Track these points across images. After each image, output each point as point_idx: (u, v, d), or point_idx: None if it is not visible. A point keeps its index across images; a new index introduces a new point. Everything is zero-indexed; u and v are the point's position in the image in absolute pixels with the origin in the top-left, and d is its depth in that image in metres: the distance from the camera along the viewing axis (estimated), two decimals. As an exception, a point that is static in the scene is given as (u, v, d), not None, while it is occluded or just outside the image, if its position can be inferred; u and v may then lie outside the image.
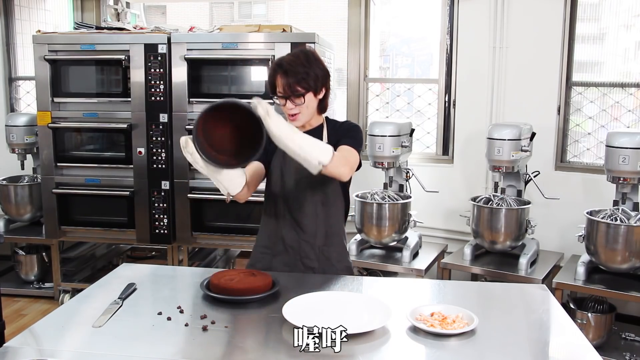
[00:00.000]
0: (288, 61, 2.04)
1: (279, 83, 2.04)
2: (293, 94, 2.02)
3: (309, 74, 2.03)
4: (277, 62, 2.07)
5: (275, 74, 2.05)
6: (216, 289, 1.84)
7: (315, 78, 2.04)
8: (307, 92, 2.03)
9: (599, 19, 3.81)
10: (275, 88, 2.06)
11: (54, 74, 3.71)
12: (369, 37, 4.31)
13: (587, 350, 1.56)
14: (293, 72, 2.01)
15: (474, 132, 3.91)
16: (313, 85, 2.04)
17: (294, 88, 2.01)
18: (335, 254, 2.19)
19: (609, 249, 3.06)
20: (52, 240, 3.94)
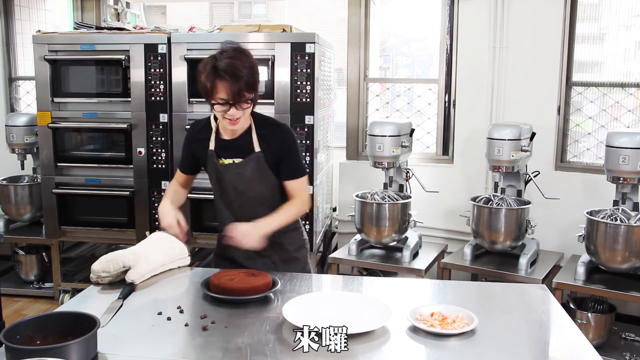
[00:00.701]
0: (231, 65, 1.88)
1: (221, 89, 1.89)
2: (241, 100, 1.91)
3: (253, 75, 1.92)
4: (214, 66, 1.89)
5: (216, 80, 1.89)
6: (216, 289, 1.84)
7: (256, 77, 1.94)
8: (253, 95, 1.94)
9: (599, 19, 3.81)
10: (213, 93, 1.91)
11: (54, 74, 3.71)
12: (369, 37, 4.31)
13: (587, 350, 1.56)
14: (239, 77, 1.88)
15: (474, 132, 3.91)
16: (256, 87, 1.95)
17: (242, 95, 1.90)
18: (286, 238, 2.21)
19: (609, 249, 3.06)
20: (52, 240, 3.94)
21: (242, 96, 1.91)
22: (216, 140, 2.12)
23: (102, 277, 1.95)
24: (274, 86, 3.48)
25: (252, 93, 1.94)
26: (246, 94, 1.91)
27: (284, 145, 2.08)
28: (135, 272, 1.95)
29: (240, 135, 2.09)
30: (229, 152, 2.10)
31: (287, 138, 2.10)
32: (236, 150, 2.09)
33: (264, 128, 2.10)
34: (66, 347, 1.34)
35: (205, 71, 1.92)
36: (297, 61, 3.43)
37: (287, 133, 2.12)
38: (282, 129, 2.13)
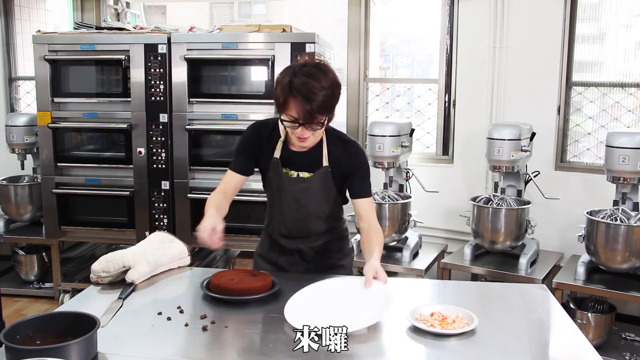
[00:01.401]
0: (307, 85, 1.76)
1: (294, 107, 1.78)
2: (312, 122, 1.81)
3: (329, 97, 1.79)
4: (291, 81, 1.78)
5: (290, 97, 1.78)
6: (216, 289, 1.84)
7: (333, 99, 1.82)
8: (326, 118, 1.84)
9: (599, 19, 3.81)
10: (286, 109, 1.81)
11: (54, 74, 3.71)
12: (369, 37, 4.31)
13: (587, 350, 1.56)
14: (313, 99, 1.76)
15: (474, 132, 3.91)
16: (331, 109, 1.84)
17: (314, 116, 1.79)
18: (333, 246, 2.20)
19: (609, 249, 3.06)
20: (52, 240, 3.94)
21: (314, 118, 1.80)
22: (283, 149, 2.02)
23: (102, 277, 1.95)
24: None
25: (326, 115, 1.83)
26: (318, 117, 1.80)
27: (357, 163, 2.02)
28: (135, 272, 1.95)
29: (311, 149, 1.99)
30: (295, 163, 2.02)
31: (360, 156, 2.04)
32: (303, 163, 2.01)
33: (335, 144, 2.01)
34: (66, 347, 1.34)
35: (281, 84, 1.81)
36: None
37: (359, 150, 2.05)
38: (354, 146, 2.05)
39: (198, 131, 3.65)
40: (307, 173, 2.02)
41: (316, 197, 2.04)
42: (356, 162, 2.02)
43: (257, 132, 2.07)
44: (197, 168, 3.68)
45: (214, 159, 3.72)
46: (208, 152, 3.75)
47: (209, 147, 3.76)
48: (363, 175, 2.03)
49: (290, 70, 1.83)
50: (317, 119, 1.81)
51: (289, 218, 2.09)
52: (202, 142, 3.72)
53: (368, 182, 2.05)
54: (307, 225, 2.10)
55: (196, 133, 3.66)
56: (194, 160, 3.67)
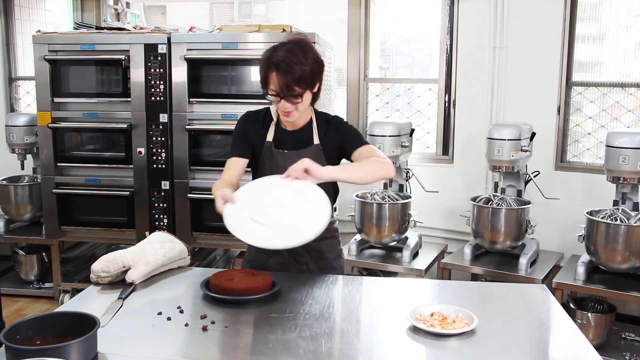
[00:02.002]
0: (284, 58, 1.89)
1: (274, 81, 1.91)
2: (290, 94, 1.92)
3: (306, 71, 1.90)
4: (269, 58, 1.92)
5: (269, 71, 1.92)
6: (216, 289, 1.84)
7: (312, 73, 1.93)
8: (305, 90, 1.94)
9: (599, 19, 3.81)
10: (268, 85, 1.94)
11: (54, 74, 3.71)
12: (369, 37, 4.31)
13: (587, 350, 1.56)
14: (290, 71, 1.88)
15: (474, 132, 3.91)
16: (310, 83, 1.94)
17: (291, 88, 1.90)
18: (325, 246, 2.18)
19: (609, 249, 3.06)
20: (52, 240, 3.94)
21: (292, 90, 1.91)
22: (276, 130, 2.12)
23: (102, 277, 1.95)
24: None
25: (304, 89, 1.93)
26: (296, 89, 1.90)
27: (339, 131, 2.09)
28: (135, 272, 1.95)
29: (302, 128, 2.10)
30: (287, 142, 2.10)
31: (341, 122, 2.12)
32: (295, 142, 2.09)
33: (322, 123, 2.11)
34: (66, 347, 1.34)
35: (262, 61, 1.95)
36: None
37: (341, 120, 2.14)
38: (335, 119, 2.14)
39: (198, 131, 3.65)
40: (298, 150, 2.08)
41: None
42: (341, 130, 2.10)
43: (248, 118, 2.17)
44: (197, 168, 3.68)
45: (214, 159, 3.72)
46: (208, 152, 3.75)
47: (209, 147, 3.76)
48: (352, 135, 2.09)
49: (272, 48, 1.96)
50: (295, 91, 1.91)
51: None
52: (202, 142, 3.72)
53: (359, 136, 2.11)
54: None
55: (196, 133, 3.66)
56: (194, 160, 3.67)
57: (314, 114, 2.12)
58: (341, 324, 1.68)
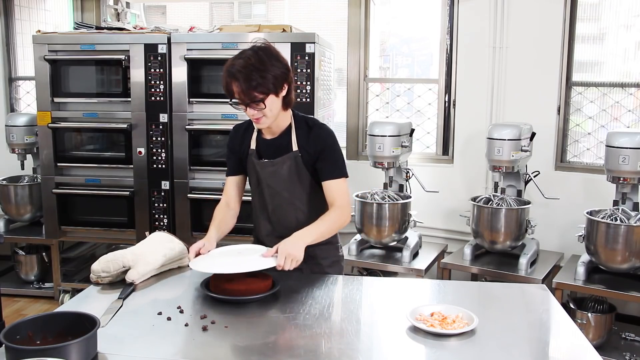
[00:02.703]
0: (240, 66, 1.88)
1: (234, 90, 1.92)
2: (251, 101, 1.91)
3: (266, 77, 1.89)
4: (228, 68, 1.92)
5: (229, 80, 1.92)
6: (216, 289, 1.84)
7: (273, 80, 1.91)
8: (267, 95, 1.91)
9: (599, 19, 3.81)
10: (230, 93, 1.95)
11: (54, 74, 3.71)
12: (369, 37, 4.31)
13: (587, 350, 1.56)
14: (247, 79, 1.87)
15: (474, 132, 3.91)
16: (272, 88, 1.91)
17: (251, 95, 1.90)
18: (319, 251, 2.16)
19: (609, 249, 3.06)
20: (52, 240, 3.94)
21: (253, 97, 1.91)
22: (257, 140, 2.14)
23: (102, 277, 1.95)
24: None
25: (265, 94, 1.91)
26: (257, 95, 1.90)
27: (321, 144, 2.06)
28: (135, 272, 1.95)
29: (281, 135, 2.09)
30: (268, 151, 2.11)
31: (325, 136, 2.07)
32: (275, 150, 2.10)
33: (302, 128, 2.09)
34: (66, 347, 1.34)
35: (223, 71, 1.95)
36: (297, 61, 3.43)
37: (326, 132, 2.09)
38: (321, 128, 2.10)
39: (198, 131, 3.65)
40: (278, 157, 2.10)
41: (289, 182, 2.09)
42: (320, 144, 2.07)
43: (235, 132, 2.23)
44: (197, 168, 3.68)
45: (214, 159, 3.72)
46: (208, 152, 3.75)
47: (209, 147, 3.76)
48: (329, 156, 2.06)
49: (233, 56, 1.96)
50: (257, 97, 1.91)
51: (269, 209, 2.14)
52: (202, 142, 3.72)
53: (337, 164, 2.08)
54: (286, 216, 2.13)
55: (196, 133, 3.66)
56: (194, 160, 3.67)
57: (292, 119, 2.10)
58: (341, 324, 1.68)
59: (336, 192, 2.05)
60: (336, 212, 2.02)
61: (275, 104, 1.97)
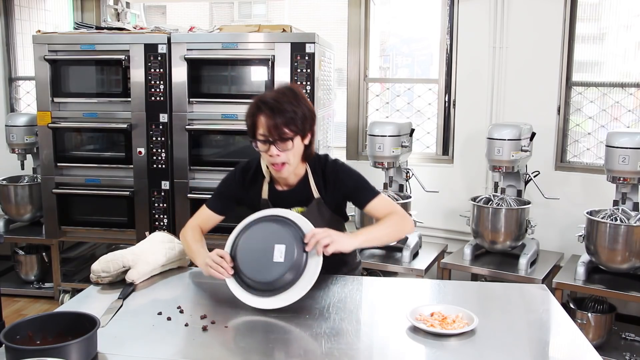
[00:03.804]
0: (273, 98, 1.80)
1: (262, 124, 1.80)
2: (280, 138, 1.79)
3: (297, 113, 1.80)
4: (259, 99, 1.83)
5: (257, 113, 1.80)
6: None
7: (303, 119, 1.82)
8: (296, 135, 1.82)
9: (599, 19, 3.81)
10: (256, 130, 1.82)
11: (54, 74, 3.71)
12: (369, 37, 4.31)
13: (587, 350, 1.56)
14: (280, 111, 1.77)
15: (474, 132, 3.91)
16: (301, 128, 1.82)
17: (281, 130, 1.78)
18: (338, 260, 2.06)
19: (609, 249, 3.06)
20: (52, 240, 3.94)
21: (282, 133, 1.79)
22: (270, 190, 2.01)
23: (102, 277, 1.95)
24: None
25: (295, 131, 1.81)
26: (286, 131, 1.79)
27: (340, 185, 1.97)
28: (135, 272, 1.95)
29: (297, 184, 1.98)
30: (285, 201, 1.98)
31: (338, 175, 1.98)
32: (293, 200, 1.98)
33: (317, 173, 1.98)
34: (66, 347, 1.34)
35: (249, 107, 1.85)
36: (297, 61, 3.43)
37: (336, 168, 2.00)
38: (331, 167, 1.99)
39: (198, 131, 3.65)
40: (300, 207, 1.98)
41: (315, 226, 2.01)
42: (342, 185, 1.98)
43: (240, 176, 2.05)
44: (197, 168, 3.68)
45: (214, 159, 3.72)
46: (208, 152, 3.75)
47: (209, 147, 3.76)
48: (355, 185, 1.99)
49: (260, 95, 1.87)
50: (286, 134, 1.80)
51: None
52: (202, 142, 3.72)
53: (365, 186, 2.00)
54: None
55: (196, 133, 3.66)
56: (194, 160, 3.67)
57: (308, 167, 1.99)
58: (341, 324, 1.68)
59: (384, 206, 1.96)
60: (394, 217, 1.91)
61: (299, 148, 1.87)
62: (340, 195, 2.01)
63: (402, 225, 1.93)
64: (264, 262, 1.76)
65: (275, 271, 1.73)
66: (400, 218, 1.92)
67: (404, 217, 1.94)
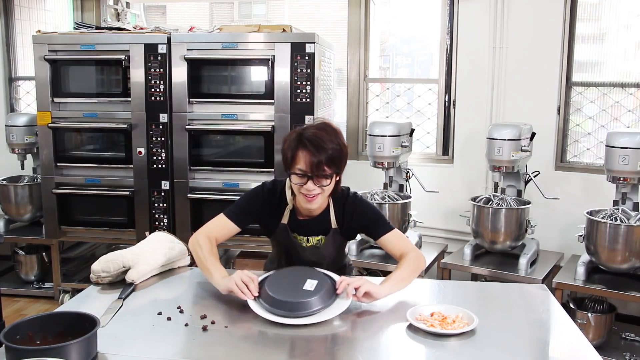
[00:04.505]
0: (316, 136, 1.80)
1: (303, 160, 1.81)
2: (320, 175, 1.82)
3: (337, 152, 1.83)
4: (301, 134, 1.83)
5: (299, 147, 1.81)
6: None
7: (341, 157, 1.85)
8: (334, 173, 1.85)
9: (599, 19, 3.81)
10: (294, 163, 1.83)
11: (54, 74, 3.71)
12: (369, 37, 4.31)
13: (587, 350, 1.56)
14: (323, 149, 1.79)
15: (474, 132, 3.91)
16: (339, 166, 1.86)
17: (322, 168, 1.80)
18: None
19: (609, 249, 3.06)
20: (52, 240, 3.94)
21: (322, 170, 1.81)
22: (290, 216, 2.02)
23: (102, 277, 1.95)
24: (274, 86, 3.48)
25: (334, 170, 1.84)
26: (326, 169, 1.81)
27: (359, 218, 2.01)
28: (135, 272, 1.95)
29: (319, 215, 2.00)
30: (303, 229, 2.03)
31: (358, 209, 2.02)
32: (312, 228, 2.02)
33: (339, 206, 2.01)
34: (66, 347, 1.34)
35: (289, 139, 1.86)
36: (297, 61, 3.43)
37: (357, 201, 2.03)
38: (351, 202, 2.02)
39: (198, 131, 3.65)
40: (316, 236, 2.02)
41: (329, 257, 2.07)
42: (359, 217, 2.01)
43: (268, 196, 2.04)
44: (197, 168, 3.68)
45: (214, 159, 3.72)
46: (208, 152, 3.75)
47: (209, 147, 3.76)
48: (373, 219, 2.02)
49: (298, 129, 1.88)
50: (326, 172, 1.82)
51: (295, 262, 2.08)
52: (202, 142, 3.72)
53: (382, 220, 2.04)
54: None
55: (196, 133, 3.66)
56: (194, 160, 3.67)
57: (331, 199, 2.01)
58: (341, 324, 1.68)
59: (399, 242, 2.00)
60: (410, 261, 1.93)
61: (332, 185, 1.89)
62: (357, 227, 2.05)
63: (419, 263, 1.96)
64: (292, 287, 1.75)
65: (303, 295, 1.71)
66: (415, 257, 1.96)
67: (418, 255, 1.98)
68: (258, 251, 3.58)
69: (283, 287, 1.75)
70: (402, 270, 1.90)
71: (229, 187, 3.64)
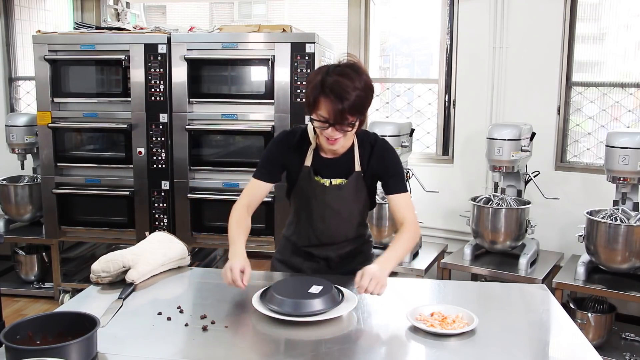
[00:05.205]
0: (339, 83, 1.73)
1: (324, 107, 1.75)
2: (342, 123, 1.78)
3: (361, 98, 1.76)
4: (324, 80, 1.75)
5: (320, 96, 1.75)
6: None
7: (365, 102, 1.80)
8: (357, 120, 1.80)
9: (599, 19, 3.81)
10: (316, 109, 1.78)
11: (54, 74, 3.71)
12: (369, 37, 4.31)
13: (587, 350, 1.56)
14: (345, 98, 1.73)
15: (474, 132, 3.91)
16: (363, 111, 1.81)
17: (344, 116, 1.76)
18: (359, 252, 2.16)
19: (609, 249, 3.06)
20: (52, 240, 3.94)
21: (345, 119, 1.76)
22: (314, 156, 1.99)
23: (102, 277, 1.95)
24: (274, 86, 3.48)
25: (357, 116, 1.79)
26: (349, 117, 1.77)
27: (384, 163, 1.98)
28: (135, 272, 1.95)
29: (343, 154, 1.96)
30: (327, 170, 1.98)
31: (386, 155, 2.00)
32: (335, 169, 1.98)
33: (364, 147, 1.99)
34: (66, 347, 1.34)
35: (312, 82, 1.79)
36: (297, 61, 3.43)
37: (387, 149, 2.01)
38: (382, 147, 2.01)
39: (198, 131, 3.65)
40: (338, 179, 1.99)
41: (349, 202, 2.02)
42: (385, 163, 1.99)
43: (285, 140, 2.02)
44: (197, 168, 3.69)
45: (214, 159, 3.73)
46: (208, 152, 3.75)
47: (209, 147, 3.76)
48: (395, 172, 2.00)
49: (323, 69, 1.80)
50: (348, 120, 1.78)
51: (320, 226, 2.05)
52: (202, 142, 3.72)
53: (401, 178, 2.01)
54: (338, 232, 2.07)
55: (196, 133, 3.66)
56: (194, 160, 3.67)
57: (356, 139, 1.98)
58: (341, 324, 1.68)
59: (405, 208, 1.98)
60: (410, 232, 1.94)
61: (356, 126, 1.85)
62: (380, 173, 2.00)
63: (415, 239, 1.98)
64: (298, 290, 1.75)
65: (308, 296, 1.71)
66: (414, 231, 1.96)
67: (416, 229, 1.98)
68: (258, 251, 3.58)
69: (288, 290, 1.76)
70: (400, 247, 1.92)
71: (229, 187, 3.64)
